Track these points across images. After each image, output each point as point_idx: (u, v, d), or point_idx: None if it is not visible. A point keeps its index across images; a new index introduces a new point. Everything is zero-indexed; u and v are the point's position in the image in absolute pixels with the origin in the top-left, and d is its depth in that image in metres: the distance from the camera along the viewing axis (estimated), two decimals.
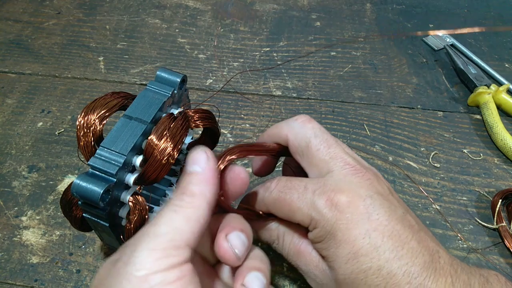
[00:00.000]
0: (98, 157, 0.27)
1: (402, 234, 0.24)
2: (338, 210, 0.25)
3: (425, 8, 0.64)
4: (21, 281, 0.35)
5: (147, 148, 0.28)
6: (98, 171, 0.27)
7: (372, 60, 0.56)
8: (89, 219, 0.29)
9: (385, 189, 0.27)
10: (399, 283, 0.23)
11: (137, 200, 0.29)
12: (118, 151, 0.27)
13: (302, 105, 0.50)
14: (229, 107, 0.50)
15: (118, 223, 0.30)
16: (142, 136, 0.28)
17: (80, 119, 0.29)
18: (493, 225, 0.39)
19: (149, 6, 0.63)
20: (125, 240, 0.30)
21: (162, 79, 0.32)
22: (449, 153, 0.46)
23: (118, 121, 0.29)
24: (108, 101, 0.30)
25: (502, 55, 0.57)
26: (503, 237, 0.38)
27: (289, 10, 0.63)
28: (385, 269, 0.23)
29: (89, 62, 0.55)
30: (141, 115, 0.29)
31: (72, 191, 0.26)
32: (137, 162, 0.28)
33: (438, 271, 0.23)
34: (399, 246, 0.24)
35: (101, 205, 0.26)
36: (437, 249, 0.25)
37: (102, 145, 0.27)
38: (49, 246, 0.38)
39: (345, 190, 0.25)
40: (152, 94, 0.31)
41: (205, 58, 0.55)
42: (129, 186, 0.29)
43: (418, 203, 0.41)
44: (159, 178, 0.28)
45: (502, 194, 0.40)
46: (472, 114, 0.50)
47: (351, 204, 0.25)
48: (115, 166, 0.27)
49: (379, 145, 0.46)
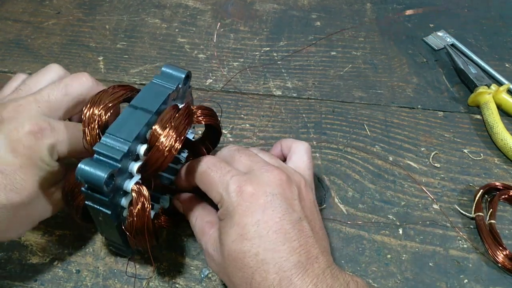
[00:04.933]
0: (103, 143, 0.27)
1: (288, 234, 0.27)
2: (242, 197, 0.28)
3: (425, 8, 0.64)
4: (21, 281, 0.35)
5: (151, 137, 0.28)
6: (103, 156, 0.27)
7: (372, 60, 0.56)
8: (91, 207, 0.29)
9: (293, 193, 0.30)
10: (269, 271, 0.26)
11: (140, 189, 0.29)
12: (123, 138, 0.27)
13: (302, 105, 0.50)
14: (229, 107, 0.50)
15: (120, 213, 0.30)
16: (147, 125, 0.29)
17: (85, 110, 0.29)
18: (471, 214, 0.40)
19: (149, 5, 0.63)
20: (127, 231, 0.30)
21: (167, 74, 0.33)
22: (450, 153, 0.46)
23: (124, 110, 0.29)
24: (113, 92, 0.30)
25: (503, 55, 0.57)
26: (477, 226, 0.39)
27: (289, 10, 0.63)
28: (260, 256, 0.27)
29: (89, 62, 0.54)
30: (147, 105, 0.30)
31: (77, 175, 0.26)
32: (141, 151, 0.29)
33: (308, 272, 0.26)
34: (281, 242, 0.27)
35: (105, 189, 0.26)
36: (318, 255, 0.28)
37: (108, 132, 0.28)
38: (48, 246, 0.37)
39: (255, 183, 0.29)
40: (158, 87, 0.31)
41: (205, 58, 0.55)
42: (132, 175, 0.29)
43: (419, 203, 0.41)
44: (162, 167, 0.29)
45: (485, 187, 0.42)
46: (472, 114, 0.50)
47: (254, 196, 0.28)
48: (119, 152, 0.27)
49: (379, 145, 0.46)
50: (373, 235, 0.39)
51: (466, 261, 0.38)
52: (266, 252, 0.27)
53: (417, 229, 0.40)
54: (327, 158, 0.45)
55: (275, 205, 0.28)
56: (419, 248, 0.38)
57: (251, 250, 0.27)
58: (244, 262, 0.27)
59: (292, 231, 0.28)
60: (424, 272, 0.37)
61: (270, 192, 0.29)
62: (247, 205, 0.28)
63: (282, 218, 0.28)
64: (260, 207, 0.28)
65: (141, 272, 0.36)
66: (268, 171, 0.30)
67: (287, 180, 0.30)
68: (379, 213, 0.41)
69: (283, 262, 0.26)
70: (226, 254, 0.28)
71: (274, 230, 0.27)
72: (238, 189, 0.29)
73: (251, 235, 0.27)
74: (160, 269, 0.36)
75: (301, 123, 0.48)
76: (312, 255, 0.27)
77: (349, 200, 0.42)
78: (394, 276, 0.37)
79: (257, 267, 0.27)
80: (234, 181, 0.29)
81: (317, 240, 0.29)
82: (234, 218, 0.28)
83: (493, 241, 0.38)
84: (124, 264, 0.36)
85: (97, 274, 0.36)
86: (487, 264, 0.37)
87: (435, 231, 0.39)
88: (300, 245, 0.27)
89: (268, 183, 0.29)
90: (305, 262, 0.27)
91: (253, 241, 0.27)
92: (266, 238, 0.27)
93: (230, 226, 0.28)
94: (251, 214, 0.28)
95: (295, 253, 0.27)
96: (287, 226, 0.28)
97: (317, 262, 0.27)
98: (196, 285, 0.35)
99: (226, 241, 0.28)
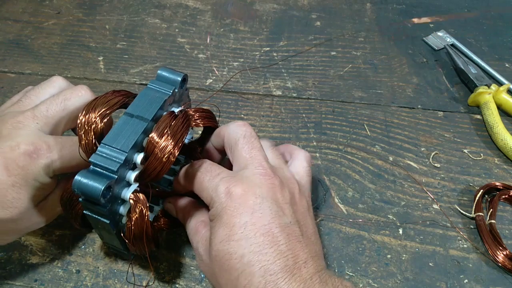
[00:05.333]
0: (99, 154, 0.27)
1: (276, 237, 0.27)
2: (231, 198, 0.28)
3: (425, 8, 0.64)
4: (21, 281, 0.35)
5: (148, 145, 0.28)
6: (99, 167, 0.27)
7: (372, 60, 0.56)
8: (90, 216, 0.29)
9: (284, 197, 0.30)
10: (254, 273, 0.26)
11: (138, 198, 0.29)
12: (119, 148, 0.27)
13: (302, 105, 0.50)
14: (229, 107, 0.50)
15: (119, 221, 0.30)
16: (143, 133, 0.28)
17: (81, 117, 0.28)
18: (471, 214, 0.40)
19: (149, 5, 0.63)
20: (126, 238, 0.30)
21: (163, 78, 0.32)
22: (450, 153, 0.46)
23: (119, 119, 0.29)
24: (109, 99, 0.30)
25: (503, 55, 0.57)
26: (478, 226, 0.39)
27: (289, 10, 0.63)
28: (246, 258, 0.26)
29: (89, 62, 0.54)
30: (143, 113, 0.29)
31: (73, 188, 0.26)
32: (138, 160, 0.28)
33: (295, 277, 0.26)
34: (268, 245, 0.27)
35: (102, 201, 0.26)
36: (307, 260, 0.27)
37: (104, 142, 0.27)
38: (48, 246, 0.37)
39: (245, 184, 0.29)
40: (153, 93, 0.31)
41: (205, 58, 0.55)
42: (130, 184, 0.29)
43: (418, 203, 0.41)
44: (160, 176, 0.28)
45: (485, 187, 0.42)
46: (472, 114, 0.50)
47: (243, 197, 0.28)
48: (116, 163, 0.27)
49: (379, 145, 0.46)
50: (373, 235, 0.39)
51: (466, 261, 0.38)
52: (252, 255, 0.26)
53: (417, 229, 0.40)
54: (327, 158, 0.45)
55: (264, 207, 0.28)
56: (419, 248, 0.38)
57: (237, 251, 0.27)
58: (230, 264, 0.27)
59: (280, 235, 0.27)
60: (424, 272, 0.37)
61: (259, 195, 0.28)
62: (236, 206, 0.28)
63: (271, 221, 0.27)
64: (249, 208, 0.28)
65: (141, 272, 0.36)
66: (261, 174, 0.30)
67: (280, 184, 0.30)
68: (379, 213, 0.41)
69: (269, 266, 0.26)
70: (214, 255, 0.28)
71: (262, 233, 0.27)
72: (226, 190, 0.29)
73: (238, 236, 0.27)
74: (160, 269, 0.36)
75: (301, 123, 0.48)
76: (300, 259, 0.27)
77: (349, 200, 0.42)
78: (394, 276, 0.37)
79: (242, 269, 0.26)
80: (224, 182, 0.29)
81: (308, 244, 0.28)
82: (222, 218, 0.28)
83: (493, 241, 0.38)
84: (124, 264, 0.36)
85: (97, 274, 0.36)
86: (487, 264, 0.37)
87: (435, 231, 0.39)
88: (288, 249, 0.27)
89: (259, 185, 0.29)
90: (293, 266, 0.26)
91: (240, 243, 0.27)
92: (253, 240, 0.27)
93: (219, 226, 0.28)
94: (239, 215, 0.28)
95: (282, 257, 0.26)
96: (275, 229, 0.27)
97: (306, 267, 0.27)
98: (196, 285, 0.35)
99: (214, 241, 0.28)
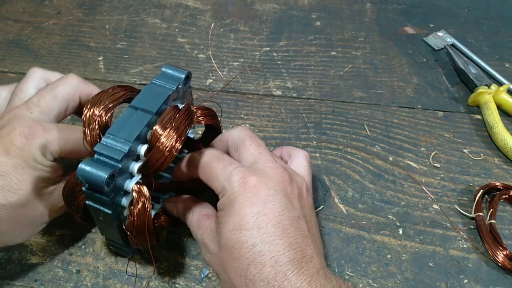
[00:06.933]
0: (103, 143, 0.27)
1: (286, 229, 0.28)
2: (245, 187, 0.29)
3: (425, 8, 0.64)
4: (21, 281, 0.35)
5: (151, 137, 0.29)
6: (103, 157, 0.27)
7: (372, 60, 0.56)
8: (92, 207, 0.29)
9: (293, 192, 0.30)
10: (265, 263, 0.26)
11: (140, 190, 0.29)
12: (124, 138, 0.27)
13: (302, 105, 0.50)
14: (229, 107, 0.50)
15: (120, 213, 0.30)
16: (147, 126, 0.29)
17: (86, 111, 0.29)
18: (471, 214, 0.40)
19: (149, 5, 0.63)
20: (127, 230, 0.30)
21: (167, 75, 0.33)
22: (450, 153, 0.46)
23: (124, 111, 0.29)
24: (113, 93, 0.30)
25: (503, 55, 0.57)
26: (478, 226, 0.39)
27: (289, 10, 0.63)
28: (257, 247, 0.27)
29: (89, 61, 0.54)
30: (147, 105, 0.30)
31: (77, 175, 0.26)
32: (142, 151, 0.29)
33: (302, 270, 0.27)
34: (279, 236, 0.27)
35: (105, 189, 0.26)
36: (313, 256, 0.28)
37: (108, 132, 0.28)
38: (48, 246, 0.37)
39: (258, 175, 0.29)
40: (158, 88, 0.31)
41: (205, 58, 0.55)
42: (133, 175, 0.29)
43: (418, 203, 0.41)
44: (162, 167, 0.29)
45: (485, 187, 0.42)
46: (472, 114, 0.50)
47: (256, 187, 0.28)
48: (120, 152, 0.27)
49: (379, 145, 0.46)
50: (373, 235, 0.39)
51: (466, 261, 0.38)
52: (263, 244, 0.27)
53: (417, 229, 0.40)
54: (327, 158, 0.45)
55: (276, 199, 0.28)
56: (419, 248, 0.38)
57: (249, 240, 0.27)
58: (240, 252, 0.27)
59: (290, 227, 0.28)
60: (424, 272, 0.37)
61: (272, 187, 0.29)
62: (249, 195, 0.28)
63: (282, 213, 0.28)
64: (262, 199, 0.28)
65: (141, 272, 0.36)
66: (272, 167, 0.30)
67: (289, 178, 0.30)
68: (379, 213, 0.41)
69: (279, 256, 0.27)
70: (223, 243, 0.28)
71: (273, 224, 0.27)
72: (241, 179, 0.29)
73: (250, 225, 0.27)
74: (160, 269, 0.36)
75: (301, 123, 0.48)
76: (307, 254, 0.28)
77: (349, 200, 0.42)
78: (394, 276, 0.37)
79: (253, 258, 0.27)
80: (238, 172, 0.29)
81: (313, 241, 0.29)
82: (234, 207, 0.28)
83: (493, 241, 0.38)
84: (124, 264, 0.36)
85: (97, 274, 0.36)
86: (487, 264, 0.37)
87: (435, 231, 0.39)
88: (297, 242, 0.28)
89: (271, 178, 0.29)
90: (301, 259, 0.27)
91: (251, 232, 0.27)
92: (265, 230, 0.27)
93: (230, 215, 0.28)
94: (252, 205, 0.28)
95: (291, 249, 0.27)
96: (286, 221, 0.28)
97: (312, 262, 0.27)
98: (196, 285, 0.35)
99: (224, 230, 0.28)
